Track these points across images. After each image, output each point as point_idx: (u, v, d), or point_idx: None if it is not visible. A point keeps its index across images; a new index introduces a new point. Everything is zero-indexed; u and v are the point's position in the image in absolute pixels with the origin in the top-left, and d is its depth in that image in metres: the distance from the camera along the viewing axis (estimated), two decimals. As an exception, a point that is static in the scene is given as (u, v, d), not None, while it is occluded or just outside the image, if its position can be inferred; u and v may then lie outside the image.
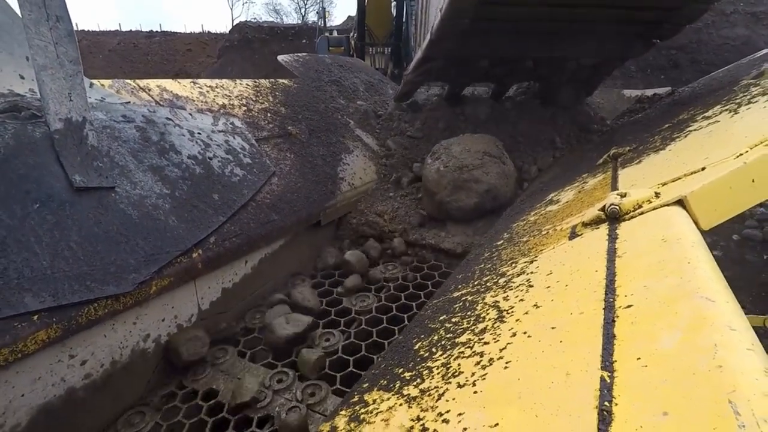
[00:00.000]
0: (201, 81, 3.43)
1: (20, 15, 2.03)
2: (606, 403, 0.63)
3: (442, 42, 3.38)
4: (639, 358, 0.70)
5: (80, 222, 1.92)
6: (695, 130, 2.19)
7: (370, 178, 3.79)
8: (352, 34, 13.03)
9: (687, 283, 0.83)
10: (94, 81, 2.81)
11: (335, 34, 15.41)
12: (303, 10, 40.04)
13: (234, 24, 27.65)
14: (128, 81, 2.98)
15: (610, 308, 0.89)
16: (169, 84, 3.18)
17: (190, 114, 2.92)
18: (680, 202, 1.28)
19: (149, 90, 3.00)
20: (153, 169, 2.37)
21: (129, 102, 2.78)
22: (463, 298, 1.46)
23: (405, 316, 2.53)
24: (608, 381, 0.68)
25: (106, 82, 2.85)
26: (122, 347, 1.95)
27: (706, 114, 2.41)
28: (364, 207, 3.52)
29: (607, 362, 0.73)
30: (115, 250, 1.93)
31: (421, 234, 3.30)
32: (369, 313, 2.64)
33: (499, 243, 2.02)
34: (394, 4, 10.13)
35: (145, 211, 2.15)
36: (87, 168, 2.12)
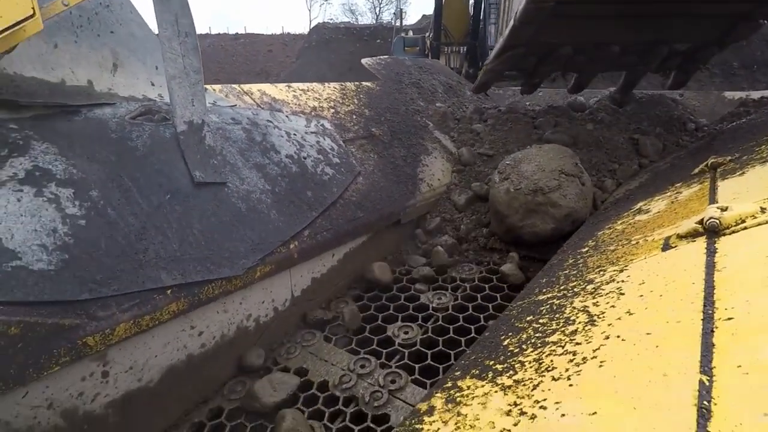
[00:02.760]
0: (295, 85, 3.71)
1: (155, 31, 2.38)
2: (705, 402, 0.70)
3: (526, 27, 3.33)
4: (739, 366, 0.75)
5: (201, 212, 2.22)
6: (810, 140, 2.05)
7: (447, 179, 3.88)
8: (428, 34, 13.08)
9: (793, 300, 0.85)
10: (207, 86, 3.17)
11: (410, 33, 15.54)
12: (378, 10, 40.70)
13: (312, 25, 28.78)
14: (234, 86, 3.32)
15: (708, 319, 0.93)
16: (268, 88, 3.48)
17: (287, 116, 3.19)
18: (789, 219, 1.25)
19: (251, 94, 3.32)
20: (257, 166, 2.64)
21: (235, 105, 3.10)
22: (550, 302, 1.52)
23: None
24: (707, 384, 0.74)
25: (217, 87, 3.20)
26: (230, 323, 2.23)
27: (824, 123, 2.23)
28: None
29: (706, 367, 0.78)
30: (229, 238, 2.21)
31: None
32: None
33: (583, 250, 2.03)
34: (471, 2, 10.06)
35: (252, 205, 2.42)
36: (205, 165, 2.42)
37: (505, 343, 1.33)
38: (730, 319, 0.90)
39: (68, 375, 1.64)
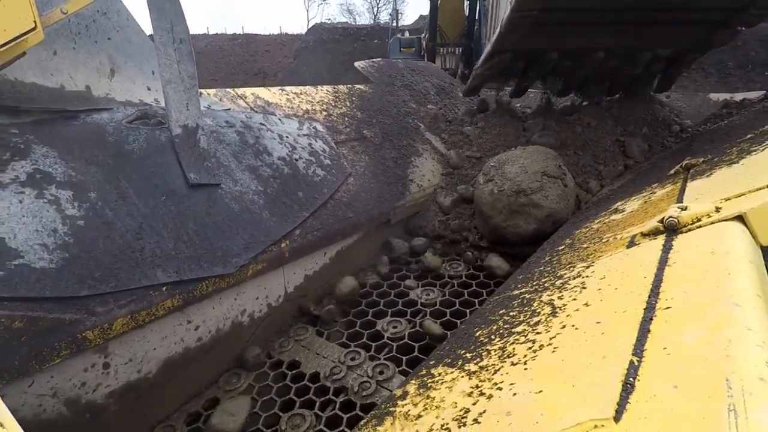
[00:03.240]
0: (288, 88, 3.80)
1: (150, 38, 2.47)
2: (631, 379, 0.80)
3: (511, 35, 3.42)
4: (665, 348, 0.85)
5: (195, 213, 2.31)
6: (776, 142, 2.15)
7: (437, 179, 3.97)
8: (423, 35, 13.19)
9: (721, 291, 0.95)
10: (202, 90, 3.26)
11: (407, 34, 15.65)
12: (375, 10, 40.80)
13: (310, 25, 28.84)
14: (228, 90, 3.41)
15: (650, 309, 1.03)
16: (261, 92, 3.58)
17: (279, 119, 3.29)
18: (740, 218, 1.35)
19: (245, 97, 3.41)
20: (250, 168, 2.74)
21: (229, 109, 3.19)
22: (522, 296, 1.62)
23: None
24: (636, 363, 0.84)
25: (212, 91, 3.29)
26: (225, 318, 2.32)
27: (793, 125, 2.34)
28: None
29: (638, 350, 0.88)
30: (222, 237, 2.30)
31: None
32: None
33: (560, 248, 2.13)
34: (466, 3, 10.16)
35: (244, 206, 2.52)
36: (199, 167, 2.51)
37: (477, 334, 1.43)
38: (667, 308, 1.00)
39: (72, 366, 1.74)
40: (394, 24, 17.21)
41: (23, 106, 2.23)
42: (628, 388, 0.78)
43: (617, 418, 0.71)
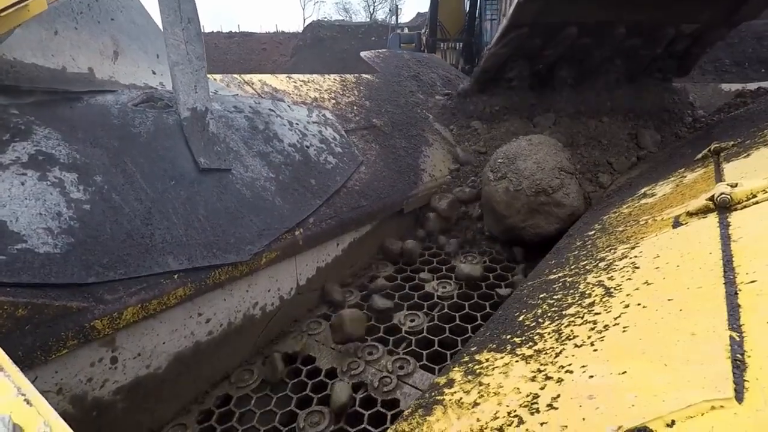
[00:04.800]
0: (295, 76, 3.69)
1: (156, 19, 2.35)
2: (738, 355, 0.70)
3: (531, 3, 3.26)
4: (769, 322, 0.75)
5: (206, 198, 2.20)
6: (812, 123, 2.06)
7: (448, 170, 3.87)
8: (423, 31, 13.09)
9: (816, 261, 0.86)
10: (208, 75, 3.14)
11: (406, 31, 15.54)
12: (372, 8, 40.64)
13: (306, 23, 28.71)
14: (235, 75, 3.30)
15: (731, 283, 0.93)
16: (269, 78, 3.46)
17: (288, 106, 3.17)
18: (799, 192, 1.26)
19: (252, 84, 3.30)
20: (260, 154, 2.62)
21: (237, 94, 3.08)
22: (562, 280, 1.52)
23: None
24: (738, 339, 0.74)
25: (218, 76, 3.17)
26: (237, 311, 2.21)
27: (826, 107, 2.25)
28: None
29: (735, 325, 0.78)
30: (234, 224, 2.19)
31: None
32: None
33: (591, 233, 2.04)
34: (467, -1, 10.07)
35: (256, 192, 2.40)
36: (209, 152, 2.40)
37: (520, 318, 1.33)
38: (753, 282, 0.90)
39: (77, 360, 1.62)
40: (393, 20, 17.09)
41: (24, 86, 2.11)
42: (738, 365, 0.68)
43: (739, 398, 0.61)
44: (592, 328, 1.02)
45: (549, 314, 1.25)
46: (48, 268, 1.57)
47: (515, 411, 0.84)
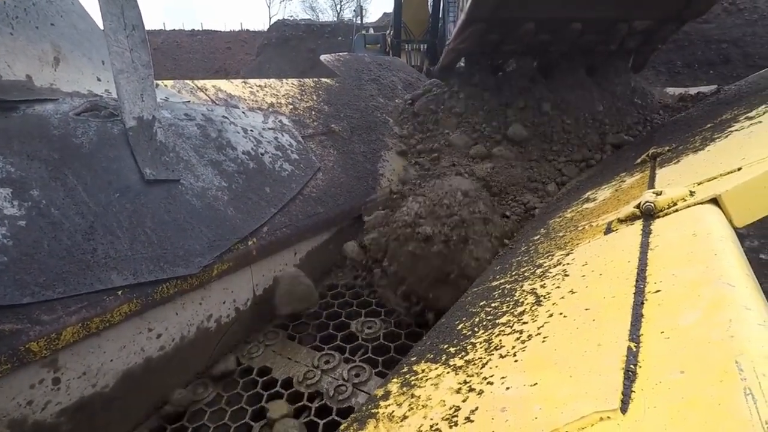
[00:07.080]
0: (251, 81, 3.65)
1: (100, 24, 2.28)
2: (632, 366, 0.75)
3: None
4: (662, 332, 0.81)
5: (153, 210, 2.15)
6: (737, 130, 2.20)
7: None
8: (388, 31, 13.13)
9: (711, 271, 0.93)
10: (159, 81, 3.07)
11: (371, 31, 15.55)
12: (338, 8, 40.45)
13: (272, 22, 28.30)
14: (187, 81, 3.23)
15: (640, 293, 1.00)
16: (223, 84, 3.41)
17: (243, 112, 3.14)
18: (714, 201, 1.35)
19: (206, 90, 3.24)
20: (212, 163, 2.59)
21: (189, 101, 3.02)
22: (502, 287, 1.57)
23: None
24: (634, 349, 0.79)
25: (169, 82, 3.10)
26: (189, 324, 2.17)
27: (750, 114, 2.41)
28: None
29: (634, 335, 0.84)
30: (183, 236, 2.15)
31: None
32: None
33: (535, 238, 2.11)
34: (430, 0, 10.17)
35: (207, 202, 2.37)
36: (156, 162, 2.35)
37: (459, 327, 1.37)
38: (657, 291, 0.97)
39: (15, 383, 1.56)
40: (359, 21, 17.08)
41: (-48, 96, 2.01)
42: (630, 375, 0.73)
43: (624, 409, 0.66)
44: (518, 338, 1.07)
45: (484, 323, 1.30)
46: (-22, 290, 1.51)
47: (437, 425, 0.87)
